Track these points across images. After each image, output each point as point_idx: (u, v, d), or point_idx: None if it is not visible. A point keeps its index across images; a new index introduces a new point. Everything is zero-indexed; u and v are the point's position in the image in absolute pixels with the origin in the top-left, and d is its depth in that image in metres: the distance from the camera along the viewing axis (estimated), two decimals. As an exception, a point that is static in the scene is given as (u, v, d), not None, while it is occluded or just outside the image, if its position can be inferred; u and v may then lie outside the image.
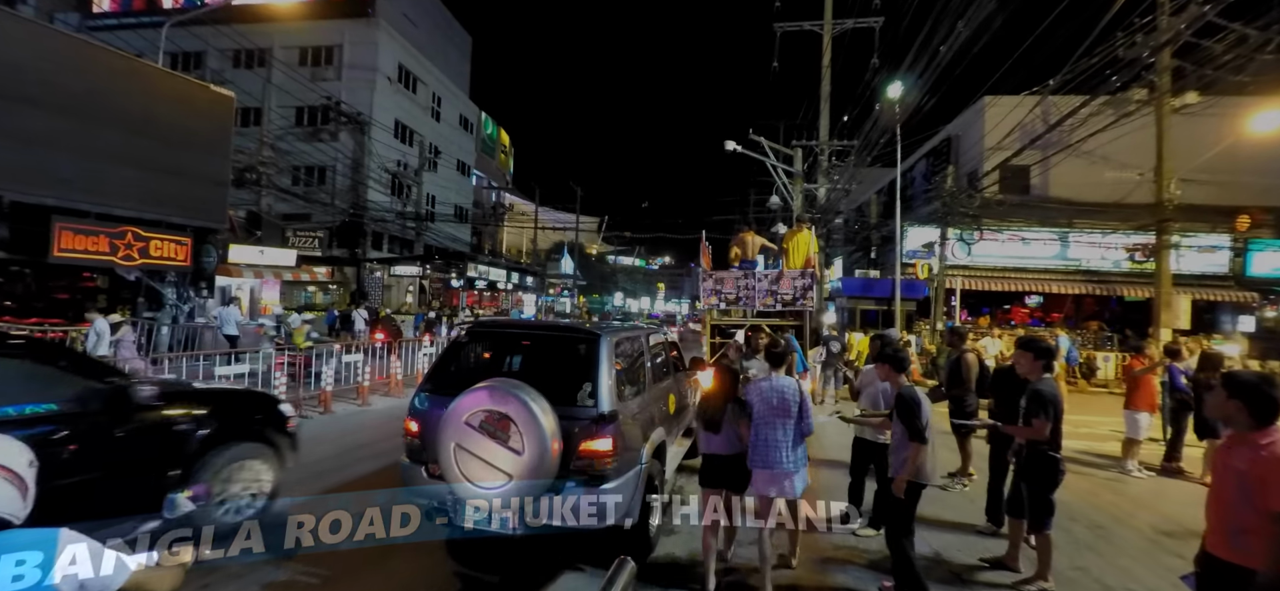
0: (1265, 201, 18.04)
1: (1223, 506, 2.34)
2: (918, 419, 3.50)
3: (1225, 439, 2.48)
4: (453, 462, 3.41)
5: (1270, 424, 2.24)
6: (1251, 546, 2.18)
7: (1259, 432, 2.25)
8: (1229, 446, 2.39)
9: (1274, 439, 2.22)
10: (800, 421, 3.74)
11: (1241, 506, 2.24)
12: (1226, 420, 2.38)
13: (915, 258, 19.29)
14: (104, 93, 11.56)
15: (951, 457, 6.12)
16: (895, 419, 3.65)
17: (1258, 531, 2.17)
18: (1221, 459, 2.42)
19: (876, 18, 17.01)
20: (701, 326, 9.87)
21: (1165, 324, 13.69)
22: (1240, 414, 2.29)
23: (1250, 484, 2.20)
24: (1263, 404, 2.25)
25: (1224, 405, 2.35)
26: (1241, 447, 2.29)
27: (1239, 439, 2.33)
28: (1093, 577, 4.15)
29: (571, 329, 4.43)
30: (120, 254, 11.92)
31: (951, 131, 21.53)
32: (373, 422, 8.32)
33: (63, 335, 10.97)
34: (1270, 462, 2.17)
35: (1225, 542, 2.30)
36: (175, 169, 12.78)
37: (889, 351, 3.96)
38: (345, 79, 26.05)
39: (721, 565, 3.96)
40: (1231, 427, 2.38)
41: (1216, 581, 2.34)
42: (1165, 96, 12.08)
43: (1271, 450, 2.20)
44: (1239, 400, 2.29)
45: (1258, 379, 2.38)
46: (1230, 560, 2.26)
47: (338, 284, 25.62)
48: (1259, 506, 2.17)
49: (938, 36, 9.46)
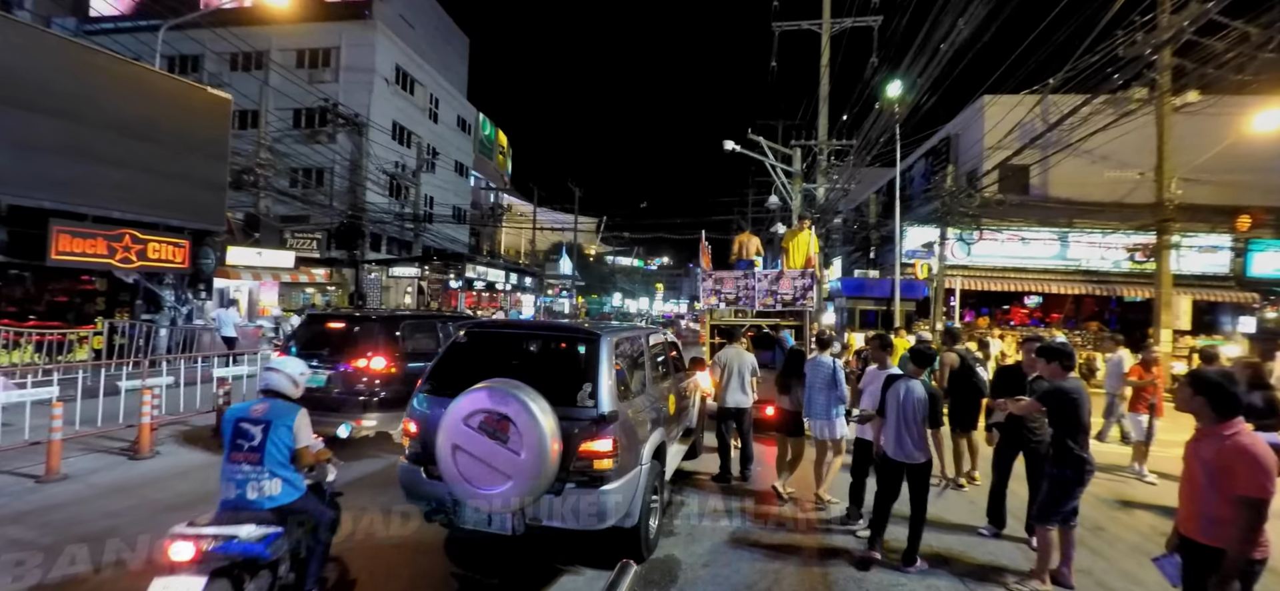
0: (1266, 201, 18.01)
1: (1194, 493, 2.57)
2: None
3: (1193, 432, 2.68)
4: (452, 463, 3.39)
5: (1232, 417, 2.48)
6: (1221, 529, 2.43)
7: (1222, 425, 2.48)
8: (1197, 438, 2.62)
9: (1237, 430, 2.46)
10: (835, 389, 5.25)
11: (1210, 493, 2.47)
12: (1193, 415, 2.62)
13: (914, 257, 19.26)
14: (101, 96, 11.53)
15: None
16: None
17: (1224, 515, 2.41)
18: (1191, 450, 2.64)
19: (875, 17, 17.02)
20: (701, 326, 9.84)
21: (1165, 324, 13.67)
22: (1204, 409, 2.53)
23: (1216, 472, 2.44)
24: (1223, 399, 2.50)
25: (1190, 401, 2.60)
26: (1208, 439, 2.53)
27: (1205, 432, 2.57)
28: (1094, 580, 4.12)
29: (571, 329, 4.40)
30: (118, 256, 11.89)
31: (951, 130, 21.53)
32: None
33: (62, 337, 10.94)
34: (1233, 452, 2.41)
35: (1198, 526, 2.54)
36: (173, 171, 12.75)
37: (921, 350, 4.47)
38: (343, 81, 26.04)
39: (786, 488, 5.51)
40: (1198, 422, 2.61)
41: (1191, 561, 2.57)
42: (1166, 95, 12.06)
43: (1234, 441, 2.43)
44: (1203, 396, 2.53)
45: (1220, 376, 2.65)
46: (1203, 541, 2.50)
47: (336, 285, 25.58)
48: (1225, 492, 2.41)
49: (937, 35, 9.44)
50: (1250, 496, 2.34)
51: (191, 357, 9.45)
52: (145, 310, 13.02)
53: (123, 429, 6.68)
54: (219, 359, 9.40)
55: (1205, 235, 17.74)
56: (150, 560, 3.93)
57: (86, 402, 7.00)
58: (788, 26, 17.96)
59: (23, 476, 5.47)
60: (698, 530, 4.73)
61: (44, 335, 10.62)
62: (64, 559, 3.91)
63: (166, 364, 8.99)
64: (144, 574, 3.75)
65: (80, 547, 4.05)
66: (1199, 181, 15.20)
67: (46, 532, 4.33)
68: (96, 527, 4.43)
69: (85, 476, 5.59)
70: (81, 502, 4.95)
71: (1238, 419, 2.48)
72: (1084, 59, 8.98)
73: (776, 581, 3.92)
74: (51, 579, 3.67)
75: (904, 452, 4.12)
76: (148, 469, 5.89)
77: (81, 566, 3.82)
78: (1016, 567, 4.16)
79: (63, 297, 13.38)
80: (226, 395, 7.28)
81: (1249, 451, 2.39)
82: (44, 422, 5.71)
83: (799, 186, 19.14)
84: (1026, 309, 20.20)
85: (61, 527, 4.43)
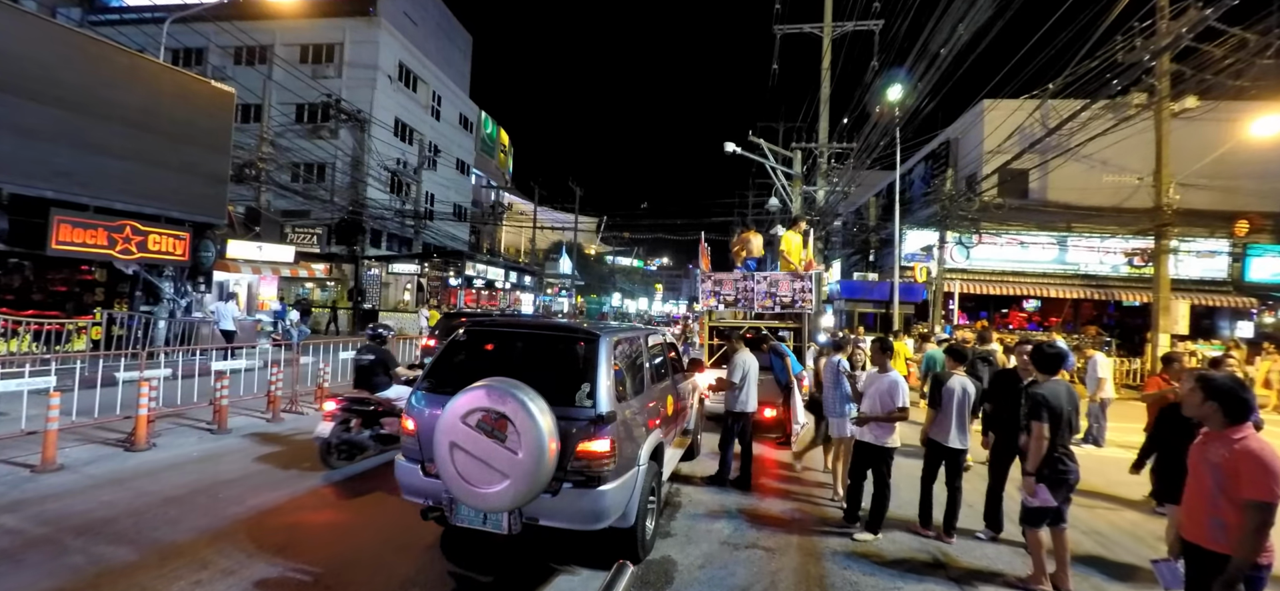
0: (1264, 206, 18.06)
1: (1200, 498, 2.56)
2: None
3: (1201, 436, 2.69)
4: (449, 461, 3.39)
5: (1242, 421, 2.49)
6: (1226, 534, 2.43)
7: (1232, 430, 2.49)
8: (1205, 443, 2.62)
9: (1246, 435, 2.47)
10: (838, 388, 5.62)
11: (1217, 498, 2.47)
12: (1203, 419, 2.63)
13: (913, 261, 19.28)
14: (105, 87, 11.53)
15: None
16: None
17: (1232, 521, 2.42)
18: (1198, 454, 2.62)
19: (876, 21, 17.03)
20: (699, 327, 9.86)
21: (1164, 329, 13.70)
22: (1215, 414, 2.54)
23: (1225, 476, 2.44)
24: (1235, 404, 2.51)
25: (1201, 406, 2.60)
26: (1216, 444, 2.53)
27: (1214, 436, 2.57)
28: (1091, 585, 4.14)
29: (570, 328, 4.41)
30: (118, 248, 11.88)
31: (951, 135, 21.54)
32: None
33: (60, 327, 10.94)
34: (1242, 456, 2.41)
35: (1203, 531, 2.53)
36: (175, 164, 12.75)
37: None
38: (346, 77, 26.01)
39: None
40: (1207, 426, 2.62)
41: (1196, 566, 2.58)
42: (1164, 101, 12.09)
43: (1244, 444, 2.44)
44: (1214, 401, 2.54)
45: (1231, 381, 2.62)
46: (1207, 547, 2.50)
47: (336, 281, 25.57)
48: (1232, 497, 2.42)
49: (937, 40, 9.45)
50: (1258, 500, 2.35)
51: (190, 350, 9.45)
52: (144, 302, 13.01)
53: (120, 420, 6.68)
54: (217, 352, 9.40)
55: (1203, 240, 17.79)
56: (142, 556, 3.95)
57: (84, 393, 7.00)
58: (789, 29, 17.96)
59: (18, 465, 5.47)
60: (695, 531, 4.74)
61: (42, 324, 10.62)
62: (57, 549, 3.92)
63: (165, 356, 9.00)
64: (140, 569, 3.76)
65: (76, 538, 4.06)
66: (1197, 186, 15.24)
67: (40, 523, 4.34)
68: (91, 518, 4.44)
69: (81, 466, 5.59)
70: (76, 493, 4.95)
71: (1247, 424, 2.49)
72: (1084, 64, 9.00)
73: (773, 583, 3.92)
74: (45, 569, 3.68)
75: (964, 442, 4.74)
76: (144, 460, 5.90)
77: (77, 557, 3.83)
78: (1014, 572, 4.17)
79: (62, 287, 13.36)
80: (224, 389, 7.29)
81: (1258, 455, 2.39)
82: (40, 412, 5.71)
83: (799, 189, 19.15)
84: (1025, 313, 20.23)
85: (55, 518, 4.43)
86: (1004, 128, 13.73)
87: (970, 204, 17.69)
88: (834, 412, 5.66)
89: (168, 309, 13.28)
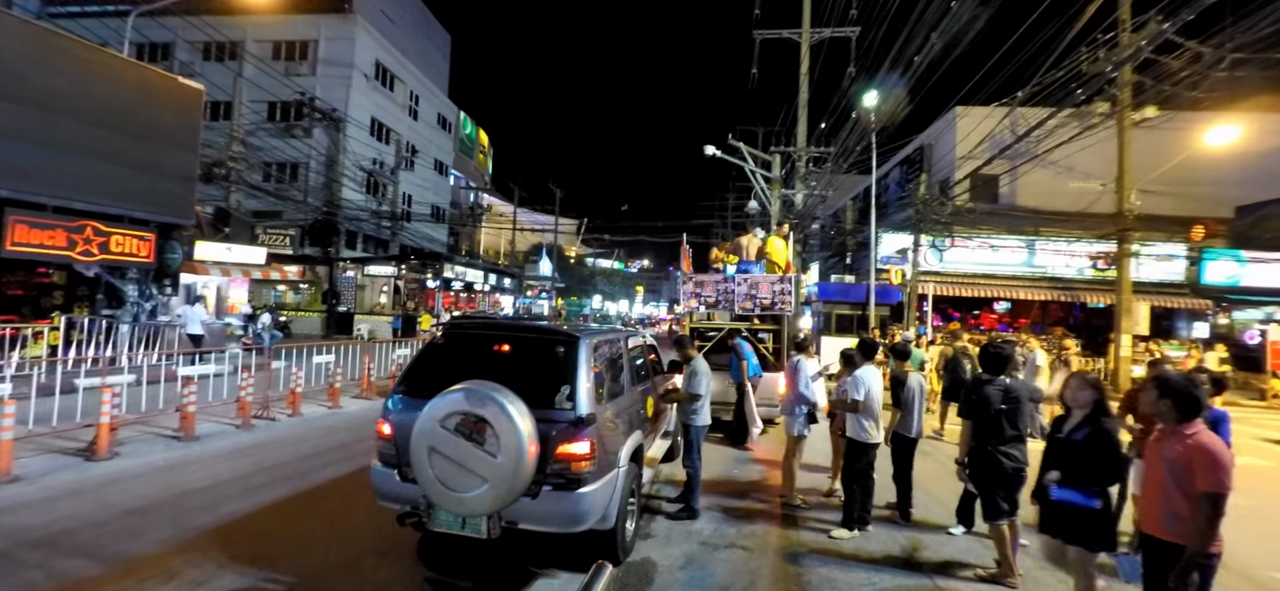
0: (1218, 212, 18.90)
1: (1157, 492, 2.70)
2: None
3: (1156, 433, 2.85)
4: (427, 466, 3.35)
5: (1194, 418, 2.65)
6: (1180, 526, 2.58)
7: (1185, 425, 2.64)
8: (1160, 439, 2.77)
9: (1198, 430, 2.62)
10: (795, 386, 5.63)
11: (1173, 491, 2.61)
12: (1158, 417, 2.79)
13: (889, 263, 19.66)
14: (65, 82, 11.08)
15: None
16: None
17: (1186, 513, 2.56)
18: (1154, 450, 2.78)
19: (853, 28, 17.35)
20: (680, 329, 9.91)
21: (1126, 330, 14.22)
22: (1170, 410, 2.69)
23: (1180, 470, 2.59)
24: (1187, 401, 2.66)
25: (1156, 403, 2.76)
26: (1171, 439, 2.68)
27: (1168, 432, 2.72)
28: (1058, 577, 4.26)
29: (550, 330, 4.38)
30: (78, 249, 11.44)
31: (924, 140, 22.05)
32: (343, 425, 8.15)
33: (15, 332, 10.49)
34: (1195, 450, 2.56)
35: (1159, 524, 2.67)
36: (140, 162, 12.32)
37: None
38: (320, 75, 25.50)
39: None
40: (1162, 422, 2.76)
41: (1152, 557, 2.71)
42: (1126, 110, 12.56)
43: (1197, 439, 2.59)
44: (1168, 399, 2.69)
45: (1184, 380, 2.81)
46: (1165, 538, 2.64)
47: (309, 283, 25.02)
48: (1187, 490, 2.56)
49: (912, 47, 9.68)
50: (1209, 492, 2.49)
51: (155, 355, 9.14)
52: (107, 305, 12.55)
53: (80, 428, 6.43)
54: (183, 357, 9.11)
55: (1162, 244, 18.50)
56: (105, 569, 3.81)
57: (41, 401, 6.72)
58: (768, 34, 18.19)
59: (-29, 478, 5.23)
60: (675, 532, 4.75)
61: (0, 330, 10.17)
62: (12, 564, 3.76)
63: (128, 361, 8.69)
64: (102, 582, 3.63)
65: (32, 552, 3.90)
66: (1157, 192, 15.85)
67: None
68: (49, 531, 4.27)
69: (38, 477, 5.37)
70: (33, 505, 4.75)
71: (1198, 420, 2.64)
72: (1051, 74, 9.31)
73: (752, 583, 3.96)
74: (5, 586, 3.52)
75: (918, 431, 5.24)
76: (105, 470, 5.68)
77: (34, 572, 3.67)
78: (983, 563, 4.27)
79: (17, 290, 12.80)
80: (192, 395, 7.08)
81: (1208, 449, 2.54)
82: (-5, 422, 5.47)
83: (778, 192, 19.38)
84: (996, 314, 20.78)
85: (11, 532, 4.24)
86: (976, 134, 14.13)
87: (943, 208, 18.12)
88: (788, 410, 5.74)
89: (131, 312, 12.83)
